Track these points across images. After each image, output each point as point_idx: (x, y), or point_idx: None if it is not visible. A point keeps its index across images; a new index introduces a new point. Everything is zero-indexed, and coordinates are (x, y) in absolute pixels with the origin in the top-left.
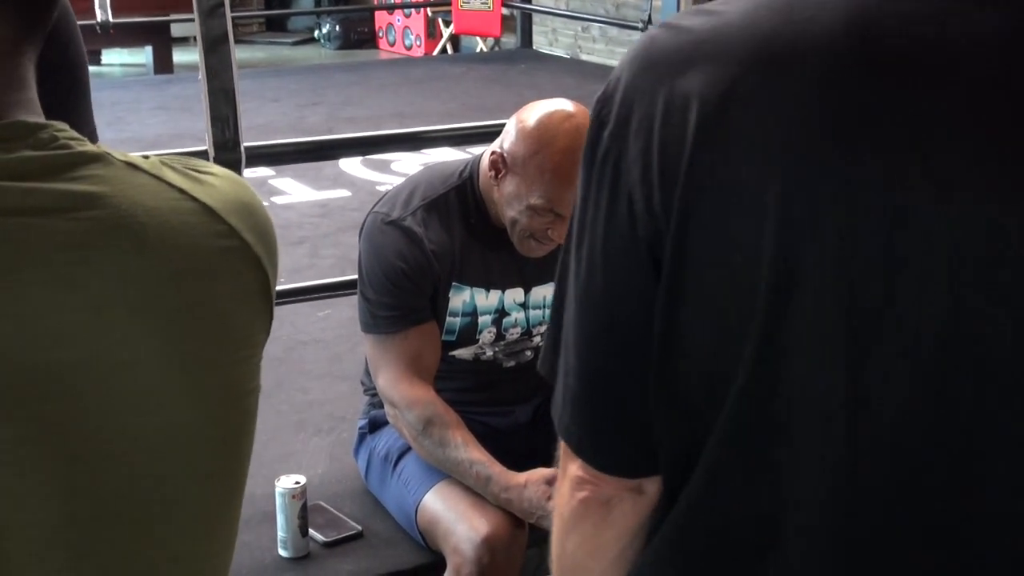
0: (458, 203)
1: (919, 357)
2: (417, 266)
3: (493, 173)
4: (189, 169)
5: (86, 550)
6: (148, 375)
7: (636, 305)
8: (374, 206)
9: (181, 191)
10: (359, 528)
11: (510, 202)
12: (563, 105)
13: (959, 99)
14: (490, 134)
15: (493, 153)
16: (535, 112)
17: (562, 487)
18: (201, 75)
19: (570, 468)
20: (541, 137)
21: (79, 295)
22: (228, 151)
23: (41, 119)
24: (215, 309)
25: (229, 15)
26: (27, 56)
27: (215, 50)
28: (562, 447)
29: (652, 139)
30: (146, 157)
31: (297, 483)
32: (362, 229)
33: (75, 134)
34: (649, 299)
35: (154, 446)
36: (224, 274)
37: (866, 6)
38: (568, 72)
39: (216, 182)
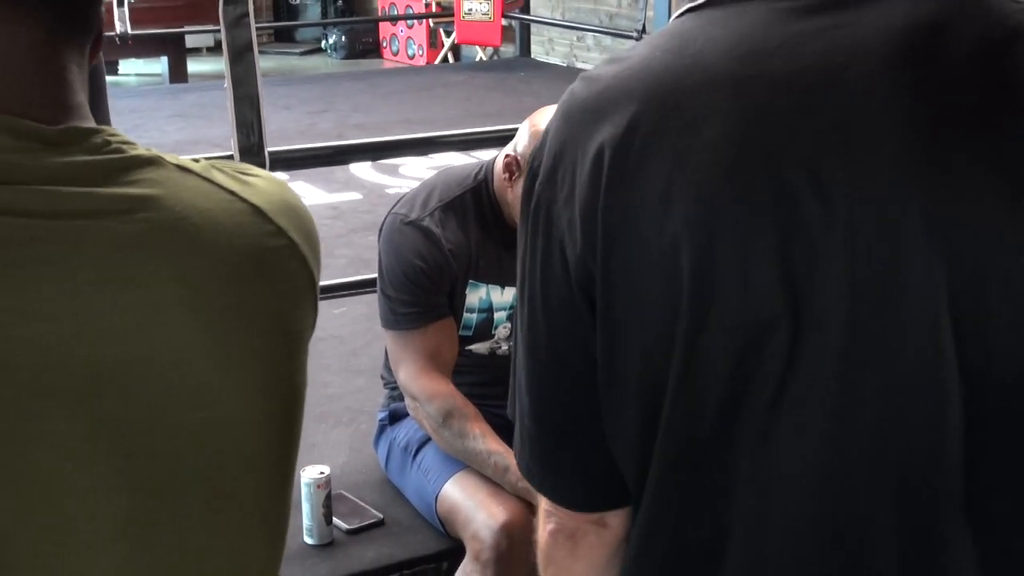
0: (474, 204)
1: (828, 360)
2: (435, 264)
3: (507, 175)
4: (236, 172)
5: (148, 543)
6: (202, 372)
7: (577, 345)
8: (393, 207)
9: (231, 193)
10: (381, 516)
11: None
12: None
13: (843, 110)
14: (502, 138)
15: (507, 156)
16: (548, 116)
17: (538, 520)
18: (227, 83)
19: (541, 501)
20: None
21: (135, 295)
22: (253, 156)
23: (92, 123)
24: (266, 307)
25: (253, 25)
26: (67, 58)
27: (240, 59)
28: None
29: (575, 187)
30: (196, 160)
31: (322, 473)
32: (381, 230)
33: (127, 138)
34: (590, 339)
35: (209, 441)
36: (274, 273)
37: (750, 35)
38: (565, 79)
39: (262, 184)
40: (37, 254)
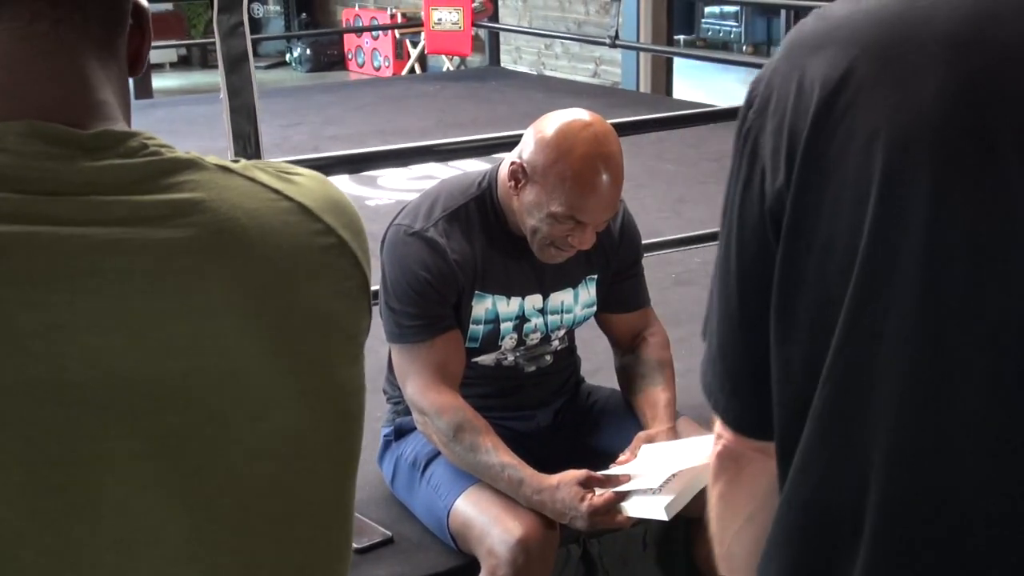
0: (478, 213)
1: (1004, 346)
2: (440, 275)
3: (513, 183)
4: (279, 171)
5: (212, 564)
6: (260, 380)
7: (764, 273)
8: (395, 219)
9: (276, 191)
10: (389, 534)
11: (530, 211)
12: (580, 115)
13: None
14: (482, 148)
15: (512, 163)
16: (553, 122)
17: (713, 457)
18: (223, 94)
19: (720, 441)
20: (560, 146)
21: (187, 303)
22: None
23: (124, 126)
24: (320, 309)
25: (248, 36)
26: (91, 55)
27: (236, 69)
28: (716, 423)
29: (784, 119)
30: (236, 160)
31: None
32: (383, 241)
33: (162, 141)
34: (771, 255)
35: (271, 454)
36: (326, 273)
37: None
38: (535, 88)
39: (306, 181)
40: (81, 266)
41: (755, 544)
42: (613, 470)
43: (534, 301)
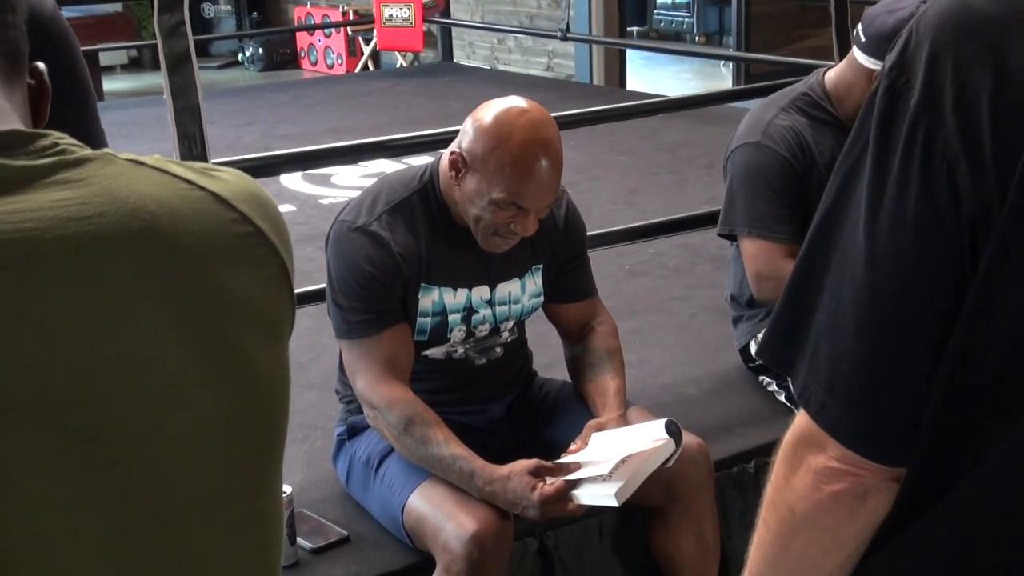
0: (421, 205)
1: None
2: (385, 269)
3: (453, 173)
4: (196, 167)
5: (136, 557)
6: (177, 369)
7: (943, 283)
8: (338, 215)
9: (189, 182)
10: (345, 533)
11: (472, 199)
12: (517, 102)
13: None
14: (436, 142)
15: (452, 153)
16: (490, 110)
17: (796, 483)
18: (166, 95)
19: (815, 460)
20: (499, 133)
21: (98, 293)
22: None
23: (31, 128)
24: (238, 297)
25: (190, 35)
26: None
27: (178, 69)
28: (796, 439)
29: (981, 112)
30: (151, 157)
31: (283, 492)
32: (328, 238)
33: (76, 141)
34: (957, 278)
35: (191, 442)
36: (242, 260)
37: None
38: (488, 82)
39: (224, 175)
40: None
41: None
42: (564, 459)
43: (481, 292)
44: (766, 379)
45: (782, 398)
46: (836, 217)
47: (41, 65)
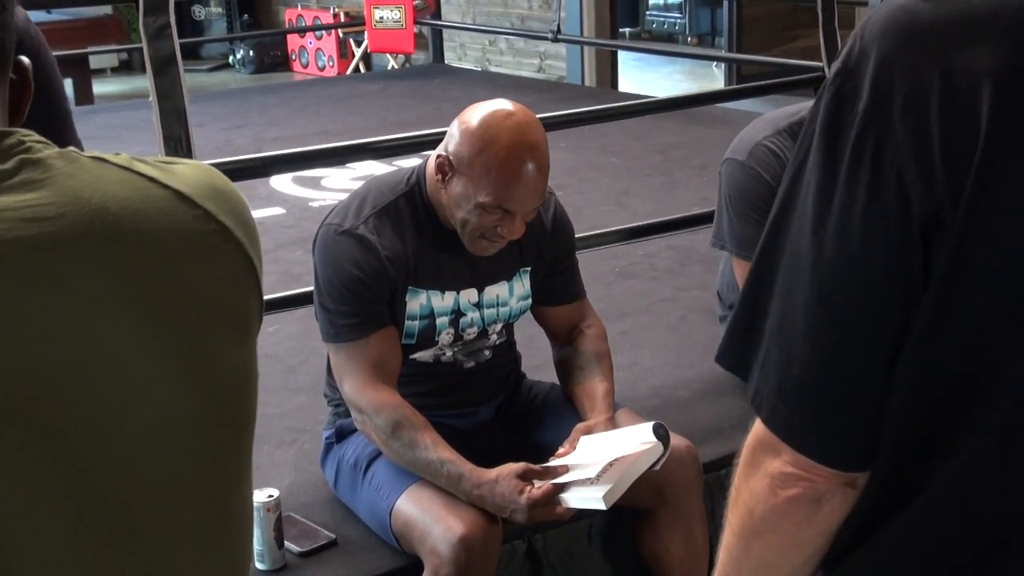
0: (408, 209)
1: None
2: (373, 272)
3: (440, 176)
4: (159, 161)
5: (100, 554)
6: (142, 368)
7: (893, 286)
8: (325, 218)
9: (151, 179)
10: (333, 536)
11: (459, 203)
12: (503, 105)
13: None
14: (426, 143)
15: (439, 156)
16: (477, 113)
17: (754, 486)
18: (152, 97)
19: (771, 465)
20: (485, 136)
21: (62, 293)
22: None
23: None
24: (203, 295)
25: (176, 37)
26: None
27: (164, 71)
28: (754, 442)
29: (929, 117)
30: (118, 155)
31: (271, 496)
32: (315, 241)
33: (42, 139)
34: (907, 284)
35: (156, 441)
36: (207, 259)
37: None
38: (480, 84)
39: (186, 170)
40: None
41: None
42: (552, 462)
43: (469, 295)
44: None
45: None
46: (784, 221)
47: (26, 60)
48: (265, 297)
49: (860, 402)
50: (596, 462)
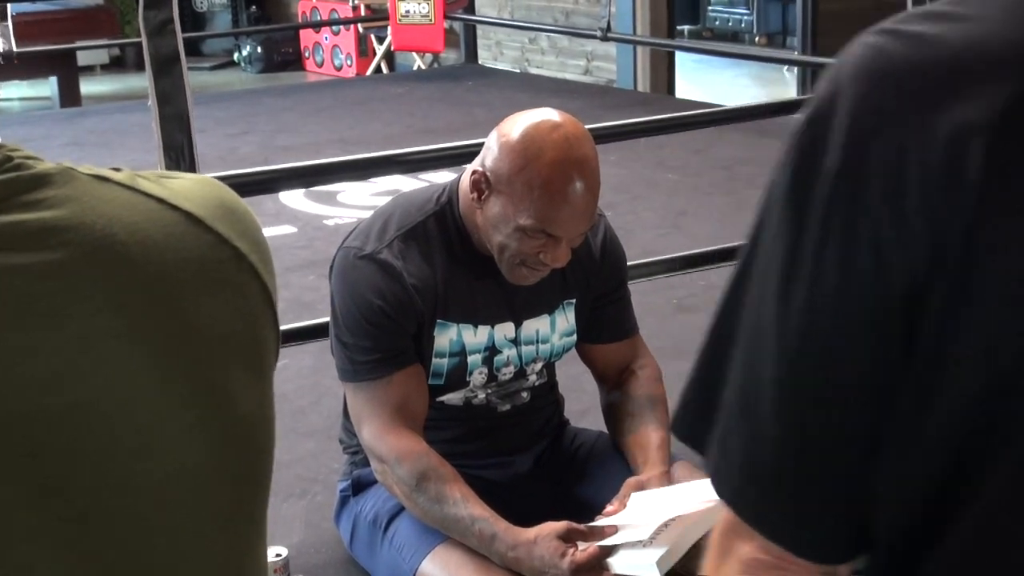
0: (438, 231)
1: None
2: (397, 303)
3: (475, 195)
4: (161, 178)
5: None
6: (151, 412)
7: (872, 361)
8: (344, 240)
9: (160, 200)
10: None
11: (496, 225)
12: (549, 115)
13: None
14: (455, 156)
15: (474, 172)
16: (518, 124)
17: (724, 572)
18: (151, 100)
19: (742, 550)
20: (527, 151)
21: (64, 332)
22: None
23: None
24: (217, 330)
25: (180, 34)
26: None
27: (165, 72)
28: (725, 525)
29: (908, 175)
30: (117, 170)
31: (279, 555)
32: (332, 267)
33: (30, 152)
34: (889, 355)
35: (166, 493)
36: (222, 288)
37: None
38: (519, 88)
39: (194, 187)
40: None
41: None
42: (599, 521)
43: (505, 330)
44: None
45: None
46: (744, 281)
47: None
48: None
49: (841, 486)
50: (649, 522)
